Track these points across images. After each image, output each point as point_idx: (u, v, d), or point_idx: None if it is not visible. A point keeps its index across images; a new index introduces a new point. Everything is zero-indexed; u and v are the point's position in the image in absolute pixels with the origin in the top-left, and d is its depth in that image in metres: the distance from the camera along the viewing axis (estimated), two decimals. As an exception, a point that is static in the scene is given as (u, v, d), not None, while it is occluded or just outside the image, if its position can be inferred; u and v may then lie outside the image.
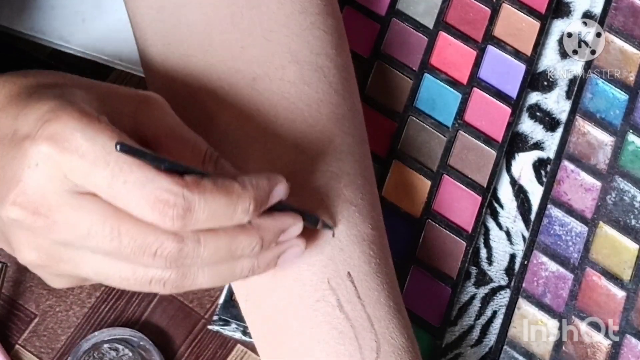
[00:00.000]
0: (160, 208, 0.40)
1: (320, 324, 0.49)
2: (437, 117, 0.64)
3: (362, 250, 0.50)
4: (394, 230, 0.61)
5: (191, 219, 0.41)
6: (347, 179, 0.51)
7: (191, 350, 0.58)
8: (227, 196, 0.42)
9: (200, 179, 0.41)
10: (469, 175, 0.63)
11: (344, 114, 0.52)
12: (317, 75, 0.52)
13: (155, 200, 0.40)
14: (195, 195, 0.41)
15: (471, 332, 0.60)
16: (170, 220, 0.41)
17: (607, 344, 0.60)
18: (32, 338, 0.57)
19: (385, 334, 0.49)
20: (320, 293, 0.49)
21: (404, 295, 0.59)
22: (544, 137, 0.65)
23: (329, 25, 0.53)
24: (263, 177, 0.43)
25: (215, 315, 0.58)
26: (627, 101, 0.65)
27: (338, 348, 0.48)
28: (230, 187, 0.42)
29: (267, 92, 0.51)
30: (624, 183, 0.64)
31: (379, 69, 0.64)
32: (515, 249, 0.62)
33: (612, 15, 0.67)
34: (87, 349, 0.56)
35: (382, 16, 0.65)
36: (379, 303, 0.49)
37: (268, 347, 0.51)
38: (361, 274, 0.49)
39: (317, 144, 0.51)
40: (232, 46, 0.51)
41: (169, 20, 0.52)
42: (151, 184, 0.40)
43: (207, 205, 0.41)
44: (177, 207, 0.40)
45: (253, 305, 0.51)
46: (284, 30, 0.52)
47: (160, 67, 0.53)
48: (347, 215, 0.50)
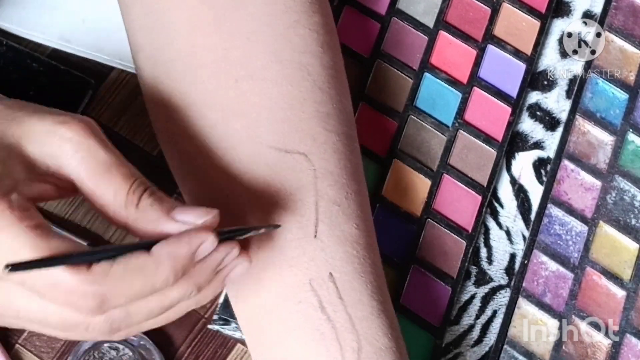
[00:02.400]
0: (75, 305, 0.40)
1: (302, 325, 0.49)
2: (437, 116, 0.64)
3: (344, 251, 0.50)
4: (394, 230, 0.61)
5: (110, 305, 0.41)
6: (331, 178, 0.51)
7: (191, 350, 0.58)
8: (142, 276, 0.41)
9: (110, 266, 0.41)
10: (469, 175, 0.63)
11: (329, 112, 0.52)
12: (300, 73, 0.52)
13: (66, 300, 0.40)
14: (105, 286, 0.40)
15: (471, 331, 0.60)
16: (88, 312, 0.41)
17: (607, 344, 0.60)
18: (32, 337, 0.57)
19: (367, 334, 0.49)
20: (302, 294, 0.49)
21: (404, 295, 0.59)
22: (544, 137, 0.65)
23: (314, 22, 0.53)
24: (184, 242, 0.42)
25: (216, 314, 0.58)
26: (627, 101, 0.65)
27: (319, 350, 0.48)
28: (144, 266, 0.41)
29: (250, 92, 0.51)
30: (624, 182, 0.64)
31: (379, 68, 0.64)
32: (515, 248, 0.62)
33: (612, 14, 0.67)
34: (87, 349, 0.56)
35: (382, 15, 0.65)
36: (360, 303, 0.49)
37: (257, 347, 0.51)
38: (343, 274, 0.49)
39: (300, 143, 0.51)
40: (216, 48, 0.51)
41: (156, 24, 0.52)
42: (59, 285, 0.40)
43: (121, 291, 0.41)
44: (88, 303, 0.40)
45: (241, 307, 0.51)
46: (267, 30, 0.51)
47: (149, 71, 0.53)
48: (330, 215, 0.50)
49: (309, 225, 0.49)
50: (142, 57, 0.54)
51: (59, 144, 0.43)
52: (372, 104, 0.63)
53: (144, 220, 0.43)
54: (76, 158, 0.43)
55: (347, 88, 0.55)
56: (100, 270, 0.40)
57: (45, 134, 0.43)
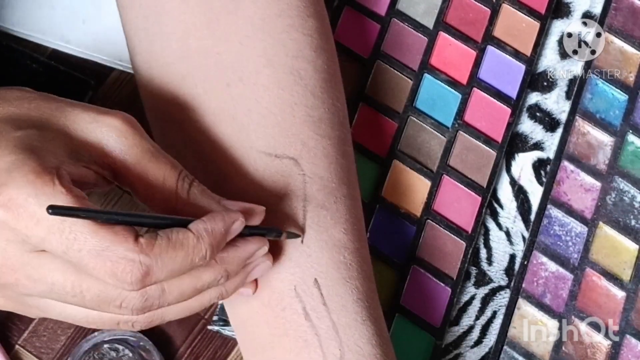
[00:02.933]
0: (118, 275, 0.41)
1: (287, 332, 0.49)
2: (437, 117, 0.64)
3: (330, 256, 0.50)
4: (394, 231, 0.61)
5: (151, 279, 0.42)
6: (320, 183, 0.51)
7: (191, 351, 0.58)
8: (183, 251, 0.42)
9: (154, 238, 0.41)
10: (469, 176, 0.63)
11: (321, 117, 0.52)
12: (292, 78, 0.52)
13: (111, 269, 0.41)
14: (151, 258, 0.41)
15: (471, 332, 0.60)
16: (130, 284, 0.41)
17: (607, 344, 0.60)
18: (32, 338, 0.57)
19: (349, 341, 0.49)
20: (287, 301, 0.49)
21: (404, 296, 0.59)
22: (544, 138, 0.65)
23: (308, 27, 0.53)
24: (219, 220, 0.44)
25: (215, 315, 0.58)
26: (627, 101, 0.66)
27: (303, 357, 0.48)
28: (185, 240, 0.42)
29: (241, 97, 0.51)
30: (623, 183, 0.64)
31: (379, 69, 0.64)
32: (515, 249, 0.62)
33: (612, 15, 0.67)
34: (87, 349, 0.56)
35: (382, 16, 0.65)
36: (345, 310, 0.49)
37: (247, 352, 0.51)
38: (328, 280, 0.49)
39: (290, 148, 0.51)
40: (208, 52, 0.51)
41: (152, 28, 0.53)
42: (106, 252, 0.41)
43: (164, 265, 0.42)
44: (134, 273, 0.41)
45: (232, 312, 0.52)
46: (259, 35, 0.51)
47: (146, 75, 0.53)
48: (318, 219, 0.50)
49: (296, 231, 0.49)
50: (139, 59, 0.54)
51: (105, 130, 0.44)
52: (372, 105, 0.63)
53: (195, 206, 0.45)
54: (123, 144, 0.45)
55: (341, 92, 0.55)
56: (146, 242, 0.41)
57: (90, 122, 0.45)
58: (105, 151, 0.45)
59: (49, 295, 0.44)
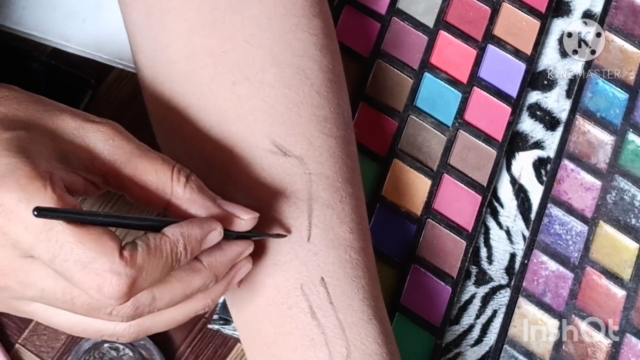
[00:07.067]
0: (105, 289, 0.41)
1: (293, 331, 0.49)
2: (438, 116, 0.64)
3: (337, 255, 0.50)
4: (394, 230, 0.61)
5: (137, 289, 0.41)
6: (326, 182, 0.51)
7: (191, 349, 0.58)
8: (163, 257, 0.42)
9: (135, 249, 0.41)
10: (469, 175, 0.63)
11: (326, 116, 0.52)
12: (298, 77, 0.52)
13: (98, 283, 0.40)
14: (135, 269, 0.41)
15: (471, 331, 0.60)
16: (117, 295, 0.41)
17: (607, 344, 0.60)
18: (32, 337, 0.57)
19: (356, 340, 0.49)
20: (293, 299, 0.49)
21: (404, 295, 0.59)
22: (544, 136, 0.65)
23: (313, 26, 0.53)
24: (196, 226, 0.43)
25: (216, 314, 0.58)
26: (627, 100, 0.65)
27: (309, 355, 0.48)
28: (164, 245, 0.42)
29: (247, 96, 0.51)
30: (624, 182, 0.64)
31: (379, 67, 0.64)
32: (515, 248, 0.62)
33: (612, 14, 0.67)
34: (87, 348, 0.56)
35: (382, 15, 0.65)
36: (351, 309, 0.49)
37: (252, 351, 0.51)
38: (335, 279, 0.49)
39: (296, 146, 0.51)
40: (214, 51, 0.51)
41: (156, 26, 0.52)
42: (92, 265, 0.40)
43: (147, 274, 0.42)
44: (121, 286, 0.41)
45: (236, 311, 0.52)
46: (265, 34, 0.51)
47: (149, 71, 0.53)
48: (324, 218, 0.50)
49: (302, 229, 0.50)
50: (142, 57, 0.54)
51: (93, 135, 0.44)
52: (372, 104, 0.63)
53: (189, 201, 0.45)
54: (112, 145, 0.44)
55: (345, 91, 0.55)
56: (129, 254, 0.41)
57: (78, 129, 0.44)
58: (94, 154, 0.44)
59: (39, 300, 0.43)
